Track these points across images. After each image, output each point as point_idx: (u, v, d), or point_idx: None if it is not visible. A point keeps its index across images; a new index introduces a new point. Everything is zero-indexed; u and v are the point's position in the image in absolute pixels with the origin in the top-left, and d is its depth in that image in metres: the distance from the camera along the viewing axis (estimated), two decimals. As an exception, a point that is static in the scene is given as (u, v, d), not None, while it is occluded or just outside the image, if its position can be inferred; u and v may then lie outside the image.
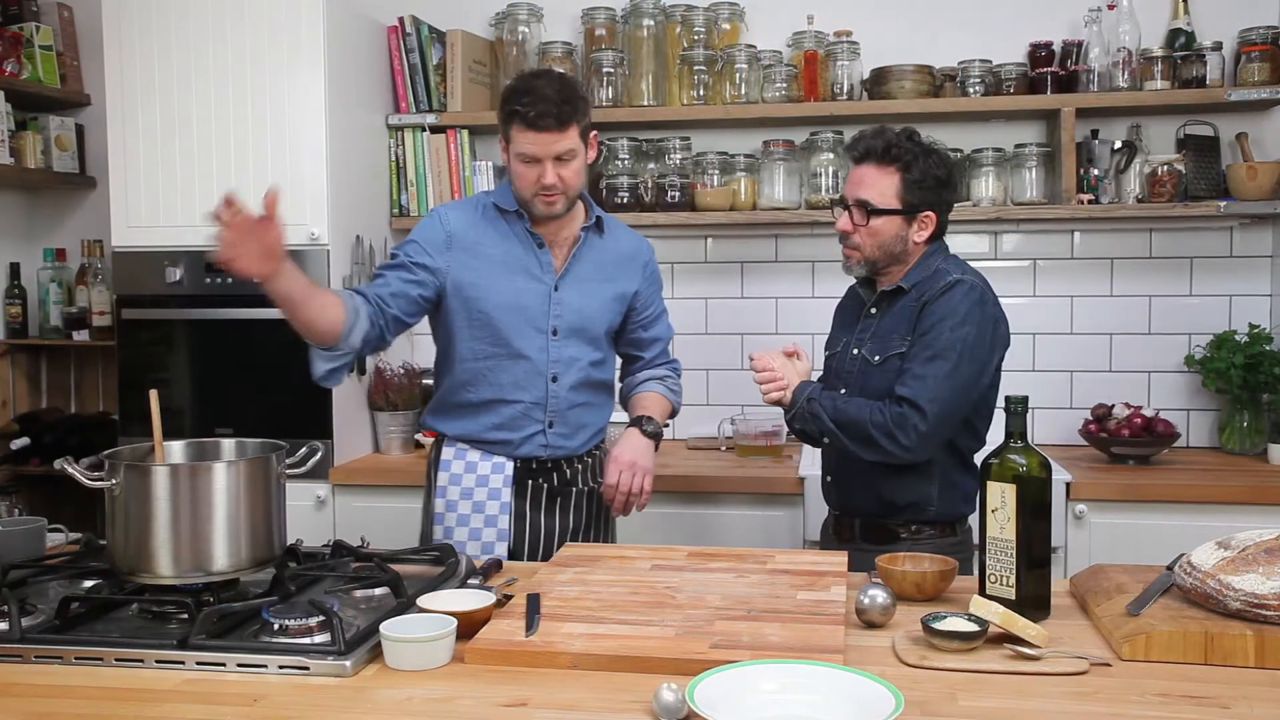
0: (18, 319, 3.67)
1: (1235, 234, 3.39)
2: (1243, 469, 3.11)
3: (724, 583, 1.80)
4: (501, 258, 2.32)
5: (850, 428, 2.18)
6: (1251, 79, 3.22)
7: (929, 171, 2.22)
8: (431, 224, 2.35)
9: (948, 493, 2.24)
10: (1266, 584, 1.52)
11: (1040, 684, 1.43)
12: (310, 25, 3.13)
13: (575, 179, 2.27)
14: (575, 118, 2.22)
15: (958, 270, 2.25)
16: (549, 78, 2.28)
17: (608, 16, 3.53)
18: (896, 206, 2.22)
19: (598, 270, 2.38)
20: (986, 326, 2.20)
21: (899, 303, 2.26)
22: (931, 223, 2.25)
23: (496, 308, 2.31)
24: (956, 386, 2.15)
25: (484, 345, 2.32)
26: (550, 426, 2.36)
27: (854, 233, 2.25)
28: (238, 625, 1.60)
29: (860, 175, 2.26)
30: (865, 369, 2.27)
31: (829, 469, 2.39)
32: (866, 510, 2.28)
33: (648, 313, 2.48)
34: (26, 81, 3.52)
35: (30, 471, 3.52)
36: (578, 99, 2.24)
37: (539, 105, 2.18)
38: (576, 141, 2.24)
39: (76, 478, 1.70)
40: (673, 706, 1.30)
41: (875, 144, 2.24)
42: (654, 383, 2.49)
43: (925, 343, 2.17)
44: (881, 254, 2.25)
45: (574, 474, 2.42)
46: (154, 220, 3.22)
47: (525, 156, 2.22)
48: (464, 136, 3.51)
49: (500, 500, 2.34)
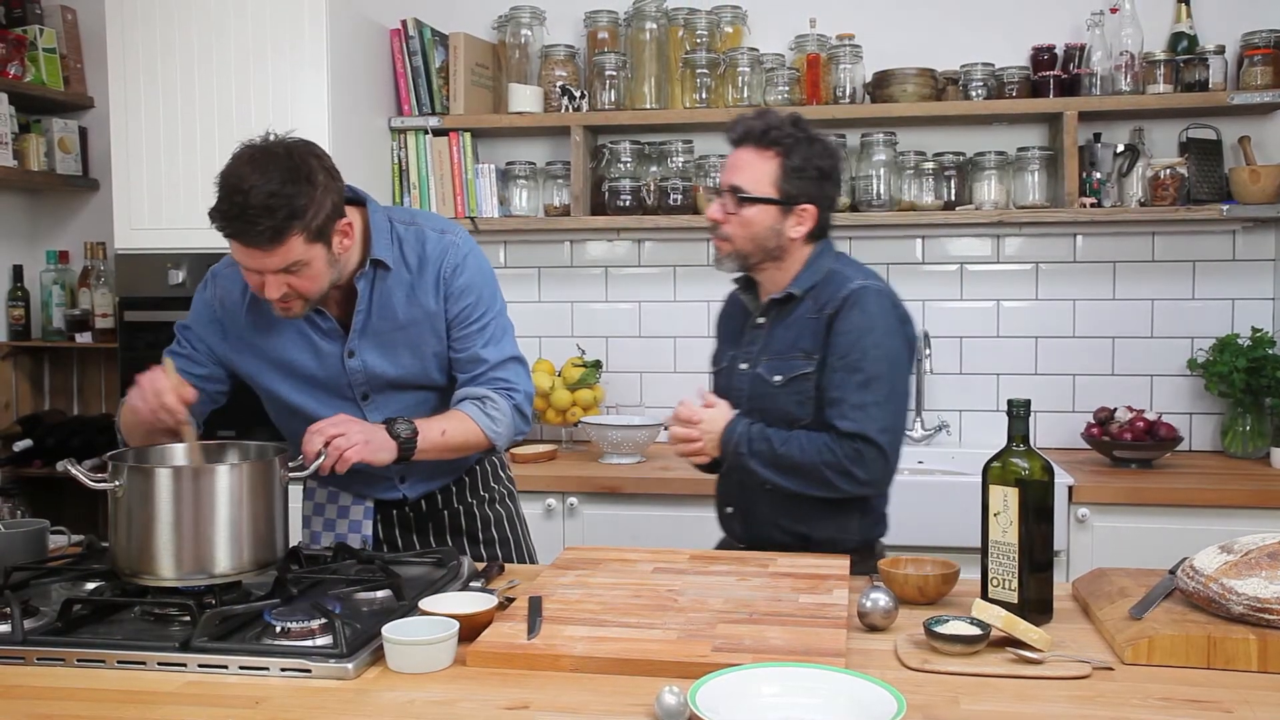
0: (20, 321, 3.68)
1: (1238, 237, 3.39)
2: (1245, 473, 3.10)
3: (726, 586, 1.80)
4: (278, 338, 2.02)
5: (797, 473, 2.00)
6: (1254, 82, 3.22)
7: (811, 160, 2.04)
8: (202, 312, 2.08)
9: (868, 519, 2.12)
10: (1269, 588, 1.51)
11: (1042, 687, 1.43)
12: (313, 28, 3.13)
13: (312, 285, 1.87)
14: (295, 226, 1.77)
15: (855, 273, 2.08)
16: (271, 166, 1.77)
17: (610, 19, 3.54)
18: (772, 195, 2.04)
19: (393, 316, 2.01)
20: (904, 331, 2.06)
21: (793, 312, 2.09)
22: (810, 217, 2.06)
23: (291, 391, 2.05)
24: (898, 406, 2.03)
25: (294, 421, 2.05)
26: (403, 481, 2.15)
27: (725, 222, 2.07)
28: (240, 628, 1.60)
29: (737, 159, 2.07)
30: (762, 389, 2.09)
31: (729, 500, 2.20)
32: (780, 543, 2.09)
33: (456, 334, 2.05)
34: (30, 84, 3.52)
35: (32, 473, 3.52)
36: (303, 197, 1.77)
37: (240, 221, 1.76)
38: (303, 250, 1.81)
39: (79, 479, 1.70)
40: (675, 710, 1.30)
41: (755, 125, 2.06)
42: (468, 403, 2.03)
43: (850, 365, 1.99)
44: (754, 248, 2.07)
45: (447, 498, 2.22)
46: (157, 222, 3.22)
47: (241, 265, 1.86)
48: (466, 139, 3.51)
49: (361, 534, 2.16)
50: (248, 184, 1.76)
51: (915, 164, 3.40)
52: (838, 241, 3.55)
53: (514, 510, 2.34)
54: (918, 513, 2.92)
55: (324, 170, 1.84)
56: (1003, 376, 3.51)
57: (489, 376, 2.06)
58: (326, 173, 1.85)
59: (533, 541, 2.38)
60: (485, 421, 2.03)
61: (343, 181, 1.91)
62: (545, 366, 3.57)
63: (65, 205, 3.83)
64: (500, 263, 3.70)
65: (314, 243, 1.83)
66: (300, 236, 1.80)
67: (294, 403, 2.07)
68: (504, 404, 2.05)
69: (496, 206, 3.55)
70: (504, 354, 2.08)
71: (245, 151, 1.83)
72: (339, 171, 1.89)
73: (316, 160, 1.84)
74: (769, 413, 2.07)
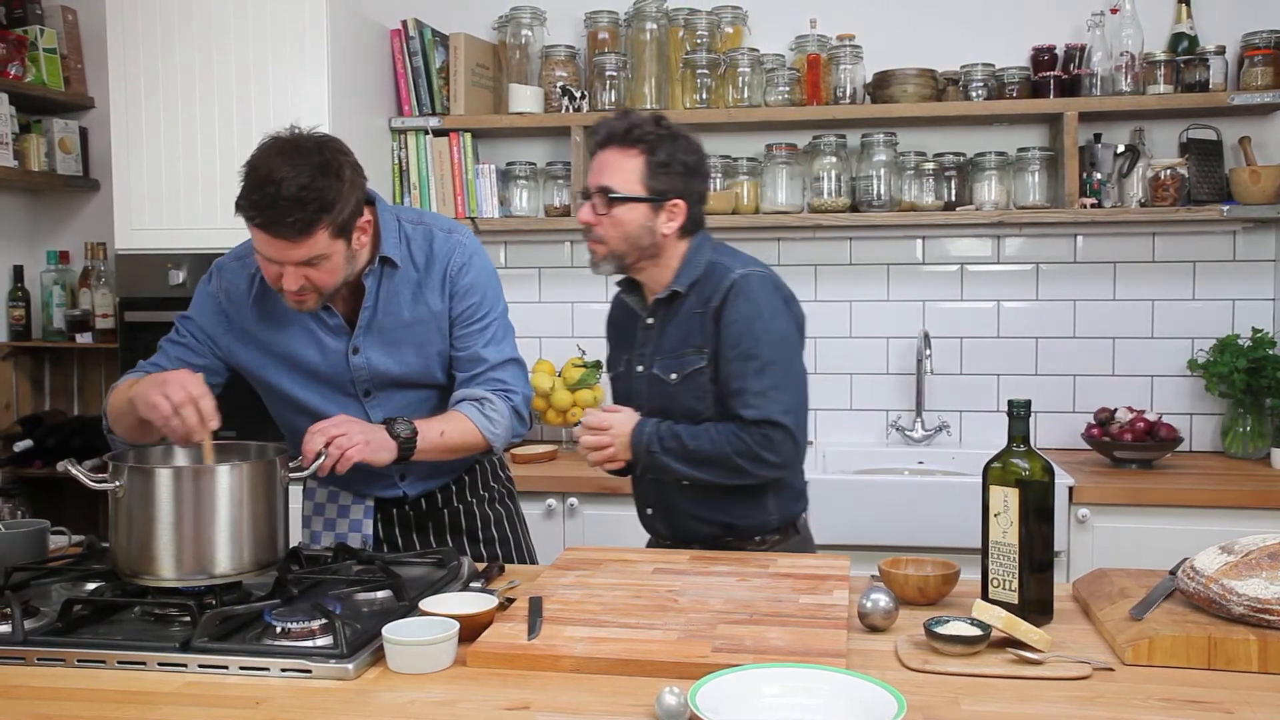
0: (21, 321, 3.68)
1: (1238, 238, 3.39)
2: (1246, 473, 3.10)
3: (726, 586, 1.80)
4: (284, 332, 2.03)
5: (710, 464, 2.02)
6: (1254, 83, 3.22)
7: (676, 155, 2.05)
8: (207, 303, 2.08)
9: (783, 496, 2.14)
10: (1270, 589, 1.51)
11: (1043, 688, 1.43)
12: (314, 28, 3.13)
13: (330, 279, 1.89)
14: (323, 220, 1.81)
15: (735, 262, 2.09)
16: (300, 160, 1.79)
17: (610, 20, 3.54)
18: (641, 193, 2.04)
19: (399, 314, 2.04)
20: (790, 312, 2.09)
21: (680, 309, 2.10)
22: (681, 212, 2.07)
23: (294, 386, 2.05)
24: (797, 385, 2.06)
25: (294, 416, 2.08)
26: (403, 479, 2.15)
27: (597, 224, 2.06)
28: (240, 628, 1.60)
29: (603, 161, 2.07)
30: (660, 389, 2.10)
31: (647, 501, 2.21)
32: (705, 535, 2.13)
33: (458, 332, 2.07)
34: (30, 84, 3.52)
35: (33, 474, 3.52)
36: (331, 192, 1.80)
37: (270, 211, 1.78)
38: (327, 244, 1.83)
39: (80, 480, 1.70)
40: (675, 710, 1.30)
41: (617, 126, 2.06)
42: (467, 404, 2.05)
43: (744, 353, 2.01)
44: (629, 247, 2.06)
45: (446, 497, 2.23)
46: (157, 223, 3.22)
47: (261, 255, 1.87)
48: (467, 140, 3.51)
49: (362, 533, 2.17)
50: (279, 175, 1.78)
51: (916, 164, 3.40)
52: (839, 242, 3.60)
53: (513, 510, 2.34)
54: (918, 513, 2.94)
55: (350, 166, 1.87)
56: (1003, 377, 3.51)
57: (488, 377, 2.07)
58: (353, 169, 1.88)
59: (532, 541, 2.38)
60: (484, 423, 2.04)
61: (365, 179, 1.93)
62: (545, 367, 3.57)
63: (66, 205, 3.83)
64: (501, 263, 3.70)
65: (337, 238, 1.86)
66: (327, 231, 1.82)
67: (296, 397, 2.07)
68: (502, 406, 2.07)
69: (497, 207, 3.55)
70: (504, 355, 2.10)
71: (274, 143, 1.84)
72: (362, 169, 1.92)
73: (344, 157, 1.87)
74: (671, 411, 2.09)
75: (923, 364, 3.44)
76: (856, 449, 3.48)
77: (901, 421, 3.52)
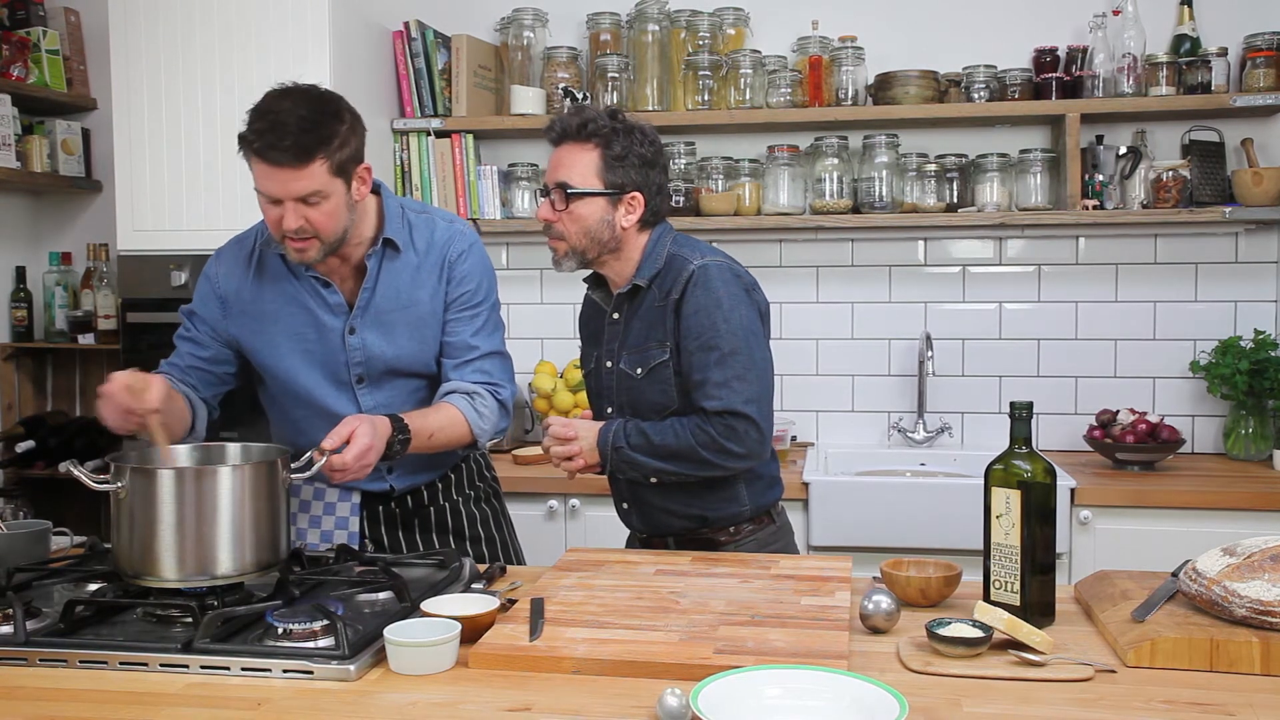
0: (23, 322, 3.68)
1: (1240, 240, 3.39)
2: (1248, 475, 3.10)
3: (728, 588, 1.80)
4: (281, 309, 2.06)
5: (677, 458, 2.02)
6: (1257, 85, 3.22)
7: (631, 148, 2.04)
8: (204, 290, 2.13)
9: (755, 485, 2.14)
10: (1272, 590, 1.51)
11: (1045, 690, 1.43)
12: (316, 29, 3.13)
13: (329, 223, 1.92)
14: (322, 150, 1.85)
15: (694, 253, 2.08)
16: (300, 97, 1.89)
17: (613, 21, 3.54)
18: (598, 187, 2.04)
19: (396, 296, 2.07)
20: (751, 300, 2.07)
21: (643, 303, 2.10)
22: (639, 205, 2.06)
23: (289, 370, 2.07)
24: (761, 374, 2.04)
25: (289, 403, 2.12)
26: (390, 472, 2.15)
27: (556, 221, 2.06)
28: (242, 629, 1.60)
29: (559, 157, 2.08)
30: (628, 384, 2.11)
31: (621, 497, 2.22)
32: (678, 528, 2.14)
33: (450, 316, 2.11)
34: (33, 85, 3.52)
35: (35, 475, 3.52)
36: (330, 126, 1.87)
37: (270, 135, 1.83)
38: (326, 180, 1.87)
39: (82, 481, 1.71)
40: (677, 712, 1.30)
41: (571, 121, 2.06)
42: (458, 396, 2.08)
43: (705, 344, 2.01)
44: (589, 242, 2.06)
45: (432, 495, 2.23)
46: (159, 224, 3.22)
47: (262, 194, 1.91)
48: (469, 141, 3.52)
49: (348, 530, 2.17)
50: (279, 107, 1.87)
51: (917, 166, 3.40)
52: (841, 243, 3.60)
53: (499, 509, 2.37)
54: (920, 515, 2.93)
55: (350, 113, 1.95)
56: (1005, 378, 3.51)
57: (476, 366, 2.12)
58: (353, 115, 1.96)
59: (519, 540, 2.40)
60: (473, 417, 2.08)
61: (364, 129, 2.00)
62: (548, 368, 3.57)
63: (68, 207, 3.83)
64: (502, 264, 3.70)
65: (336, 176, 1.90)
66: (325, 164, 1.87)
67: (291, 381, 2.09)
68: (491, 401, 2.12)
69: (499, 208, 3.55)
70: (492, 347, 2.15)
71: (276, 89, 1.94)
72: (362, 119, 1.99)
73: (345, 103, 1.97)
74: (639, 405, 2.10)
75: (924, 365, 3.44)
76: (858, 450, 3.48)
77: (903, 423, 3.52)
